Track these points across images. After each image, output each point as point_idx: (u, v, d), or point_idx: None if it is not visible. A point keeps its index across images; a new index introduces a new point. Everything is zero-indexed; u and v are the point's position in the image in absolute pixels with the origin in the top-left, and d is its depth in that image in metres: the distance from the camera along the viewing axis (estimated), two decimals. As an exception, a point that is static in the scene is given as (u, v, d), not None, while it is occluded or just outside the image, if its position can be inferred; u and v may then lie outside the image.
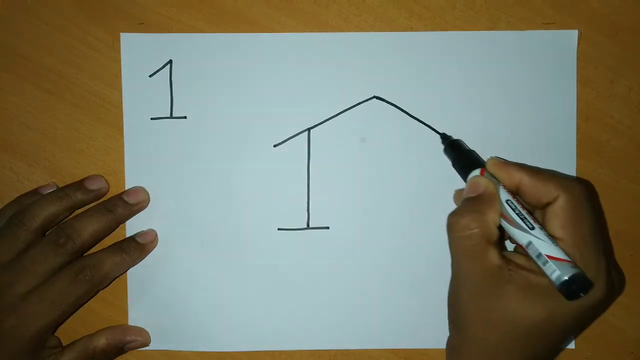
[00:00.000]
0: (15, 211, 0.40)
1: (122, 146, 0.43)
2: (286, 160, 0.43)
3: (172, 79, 0.42)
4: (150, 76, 0.42)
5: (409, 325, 0.43)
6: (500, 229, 0.35)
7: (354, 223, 0.43)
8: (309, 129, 0.43)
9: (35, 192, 0.42)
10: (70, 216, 0.41)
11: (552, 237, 0.34)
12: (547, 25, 0.42)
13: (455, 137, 0.42)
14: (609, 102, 0.43)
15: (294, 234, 0.43)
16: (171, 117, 0.43)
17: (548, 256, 0.33)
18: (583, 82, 0.42)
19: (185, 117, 0.43)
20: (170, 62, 0.42)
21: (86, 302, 0.41)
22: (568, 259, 0.33)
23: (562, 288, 0.32)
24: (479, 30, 0.42)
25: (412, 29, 0.42)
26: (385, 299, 0.43)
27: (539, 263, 0.33)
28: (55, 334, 0.41)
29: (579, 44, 0.42)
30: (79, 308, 0.40)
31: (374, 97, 0.43)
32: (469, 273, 0.35)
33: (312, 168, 0.43)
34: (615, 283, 0.36)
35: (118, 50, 0.42)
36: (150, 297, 0.43)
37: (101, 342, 0.41)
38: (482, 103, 0.42)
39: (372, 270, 0.43)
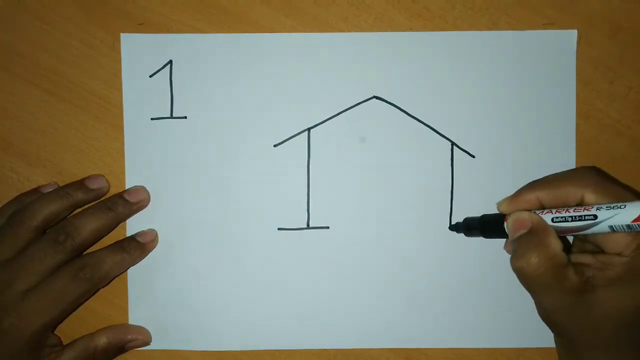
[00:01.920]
0: (15, 209, 0.40)
1: (122, 146, 0.43)
2: (286, 160, 0.43)
3: (172, 79, 0.42)
4: (150, 76, 0.42)
5: (409, 325, 0.43)
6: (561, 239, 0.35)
7: (354, 223, 0.43)
8: (309, 129, 0.43)
9: (35, 191, 0.42)
10: (71, 215, 0.41)
11: (616, 205, 0.33)
12: (547, 25, 0.42)
13: (454, 136, 0.42)
14: (608, 102, 0.43)
15: (294, 234, 0.43)
16: (171, 117, 0.43)
17: (634, 221, 0.32)
18: (583, 82, 0.42)
19: (185, 117, 0.43)
20: (170, 62, 0.42)
21: (86, 300, 0.41)
22: None
23: None
24: (479, 30, 0.42)
25: (412, 29, 0.42)
26: (385, 299, 0.43)
27: (633, 232, 0.33)
28: (56, 333, 0.41)
29: (578, 44, 0.42)
30: (79, 307, 0.40)
31: (374, 97, 0.43)
32: (556, 301, 0.35)
33: (312, 168, 0.43)
34: None
35: (118, 50, 0.42)
36: (150, 296, 0.43)
37: (102, 341, 0.41)
38: (482, 103, 0.42)
39: (372, 270, 0.43)
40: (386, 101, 0.43)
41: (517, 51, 0.42)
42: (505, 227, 0.37)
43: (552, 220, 0.35)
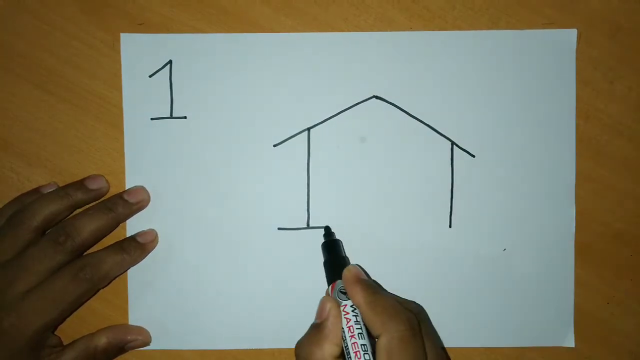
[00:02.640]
0: (15, 210, 0.40)
1: (122, 146, 0.43)
2: (286, 160, 0.43)
3: (172, 79, 0.42)
4: (150, 76, 0.42)
5: (409, 325, 0.43)
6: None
7: (353, 223, 0.43)
8: (308, 129, 0.43)
9: (35, 191, 0.42)
10: (71, 215, 0.41)
11: None
12: (547, 25, 0.42)
13: (454, 136, 0.42)
14: (608, 102, 0.43)
15: (294, 234, 0.43)
16: (171, 117, 0.43)
17: None
18: (582, 82, 0.42)
19: (185, 117, 0.43)
20: (170, 62, 0.42)
21: (86, 301, 0.41)
22: None
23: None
24: (479, 30, 0.42)
25: (412, 29, 0.42)
26: (385, 299, 0.43)
27: None
28: (56, 333, 0.41)
29: (578, 43, 0.42)
30: (79, 307, 0.41)
31: (374, 97, 0.43)
32: None
33: (312, 168, 0.43)
34: None
35: (118, 50, 0.43)
36: (150, 296, 0.43)
37: (102, 341, 0.41)
38: (482, 102, 0.42)
39: (372, 269, 0.43)
40: (386, 101, 0.43)
41: (517, 51, 0.42)
42: (328, 290, 0.38)
43: (348, 327, 0.35)
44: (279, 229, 0.43)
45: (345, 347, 0.34)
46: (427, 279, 0.43)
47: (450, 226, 0.42)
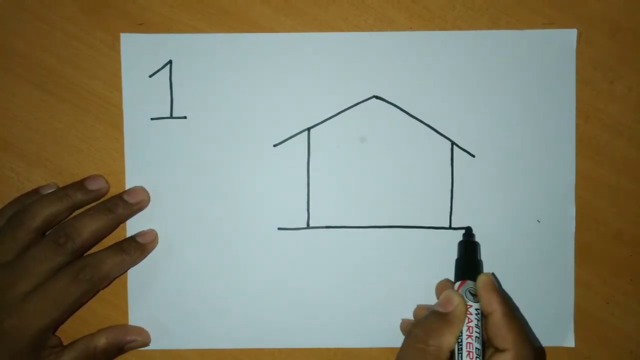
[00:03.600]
0: (15, 211, 0.40)
1: (122, 146, 0.43)
2: (286, 160, 0.43)
3: (172, 79, 0.42)
4: (150, 76, 0.42)
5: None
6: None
7: (353, 223, 0.43)
8: (309, 129, 0.43)
9: (35, 192, 0.42)
10: (71, 216, 0.41)
11: None
12: (547, 25, 0.42)
13: (454, 136, 0.42)
14: (608, 102, 0.43)
15: (294, 234, 0.43)
16: (171, 117, 0.43)
17: None
18: (582, 81, 0.42)
19: (185, 117, 0.43)
20: (170, 62, 0.42)
21: (86, 301, 0.41)
22: None
23: None
24: (479, 30, 0.42)
25: (412, 29, 0.42)
26: (385, 299, 0.43)
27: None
28: (56, 334, 0.41)
29: (578, 43, 0.42)
30: (79, 308, 0.40)
31: (374, 97, 0.43)
32: None
33: (312, 168, 0.43)
34: None
35: (118, 50, 0.42)
36: (150, 296, 0.43)
37: (102, 341, 0.41)
38: (482, 102, 0.42)
39: (372, 269, 0.43)
40: (386, 101, 0.43)
41: (517, 51, 0.42)
42: (455, 285, 0.38)
43: (467, 328, 0.36)
44: (279, 229, 0.43)
45: (459, 344, 0.35)
46: (427, 279, 0.42)
47: (450, 226, 0.42)
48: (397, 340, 0.43)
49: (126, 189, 0.42)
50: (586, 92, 0.43)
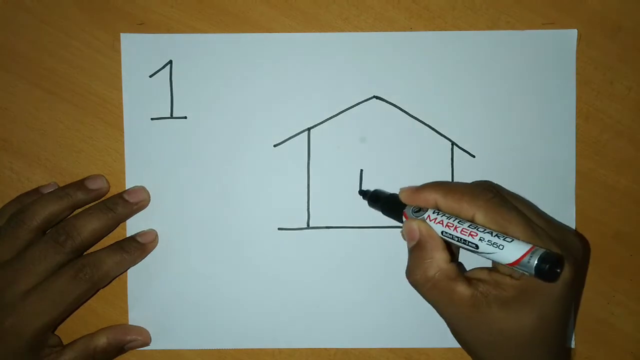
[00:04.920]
0: (15, 210, 0.40)
1: (122, 146, 0.43)
2: (286, 160, 0.43)
3: (172, 79, 0.42)
4: (150, 76, 0.42)
5: (409, 325, 0.43)
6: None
7: (353, 223, 0.43)
8: (309, 129, 0.43)
9: (35, 191, 0.42)
10: (71, 215, 0.41)
11: (500, 234, 0.33)
12: (547, 25, 0.42)
13: (454, 136, 0.42)
14: (608, 102, 0.43)
15: (294, 234, 0.43)
16: (171, 117, 0.43)
17: (508, 264, 0.32)
18: (582, 81, 0.42)
19: (185, 117, 0.43)
20: (170, 62, 0.42)
21: (86, 301, 0.41)
22: (524, 251, 0.32)
23: (539, 276, 0.31)
24: (479, 30, 0.42)
25: (412, 29, 0.42)
26: (385, 299, 0.43)
27: (507, 270, 0.34)
28: (56, 333, 0.41)
29: (578, 43, 0.42)
30: (79, 307, 0.41)
31: (374, 97, 0.43)
32: (452, 314, 0.35)
33: (312, 168, 0.43)
34: (576, 245, 0.36)
35: (118, 50, 0.43)
36: (150, 296, 0.43)
37: (102, 341, 0.41)
38: (482, 103, 0.42)
39: (372, 269, 0.43)
40: (386, 101, 0.43)
41: (517, 51, 0.42)
42: (403, 221, 0.37)
43: (442, 233, 0.35)
44: (279, 229, 0.43)
45: (457, 243, 0.34)
46: (427, 279, 0.42)
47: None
48: (397, 340, 0.43)
49: (126, 188, 0.42)
50: (586, 92, 0.43)
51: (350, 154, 0.43)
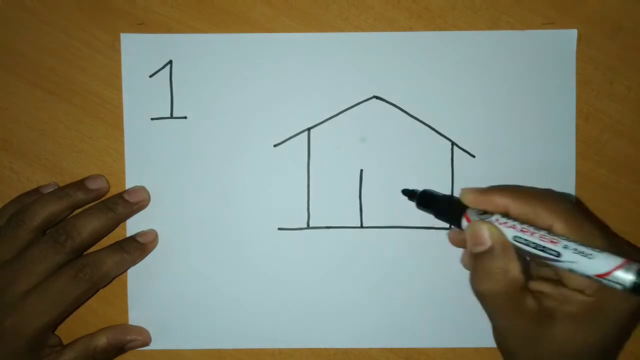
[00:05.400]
0: (15, 210, 0.40)
1: (122, 146, 0.43)
2: (286, 160, 0.43)
3: (172, 79, 0.42)
4: (150, 76, 0.42)
5: (409, 325, 0.43)
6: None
7: (353, 223, 0.43)
8: (309, 129, 0.43)
9: (35, 191, 0.42)
10: (71, 215, 0.41)
11: (583, 244, 0.31)
12: (547, 25, 0.42)
13: (454, 136, 0.42)
14: (608, 102, 0.43)
15: (294, 234, 0.43)
16: (171, 117, 0.43)
17: (598, 275, 0.30)
18: (582, 81, 0.42)
19: (185, 117, 0.43)
20: (171, 62, 0.42)
21: (86, 300, 0.41)
22: (617, 263, 0.29)
23: (636, 290, 0.29)
24: (479, 30, 0.42)
25: (412, 29, 0.42)
26: (385, 299, 0.43)
27: (584, 281, 0.31)
28: (56, 333, 0.41)
29: (578, 43, 0.42)
30: (79, 307, 0.41)
31: (374, 97, 0.43)
32: (511, 327, 0.33)
33: (312, 168, 0.43)
34: None
35: (118, 50, 0.43)
36: (150, 296, 0.43)
37: (102, 341, 0.41)
38: (482, 103, 0.42)
39: (372, 269, 0.43)
40: (386, 101, 0.43)
41: (517, 51, 0.42)
42: (463, 224, 0.35)
43: (514, 238, 0.32)
44: (279, 229, 0.43)
45: (531, 250, 0.31)
46: (427, 278, 0.42)
47: (450, 227, 0.42)
48: (397, 340, 0.43)
49: (126, 188, 0.42)
50: (586, 92, 0.43)
51: (350, 154, 0.43)
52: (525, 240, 0.32)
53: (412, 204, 0.41)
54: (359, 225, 0.43)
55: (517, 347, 0.34)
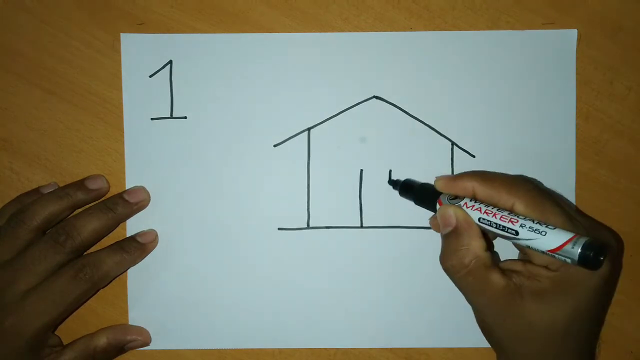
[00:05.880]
0: (15, 210, 0.40)
1: (122, 146, 0.43)
2: (286, 160, 0.43)
3: (172, 79, 0.42)
4: (150, 76, 0.42)
5: (409, 325, 0.43)
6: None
7: (354, 223, 0.43)
8: (309, 129, 0.43)
9: (35, 191, 0.42)
10: (71, 215, 0.41)
11: (541, 222, 0.33)
12: (547, 25, 0.42)
13: (454, 136, 0.42)
14: (608, 102, 0.43)
15: (294, 234, 0.43)
16: (171, 117, 0.43)
17: (550, 251, 0.32)
18: (582, 81, 0.42)
19: (185, 117, 0.43)
20: (171, 62, 0.42)
21: (86, 301, 0.41)
22: (567, 238, 0.32)
23: (583, 263, 0.31)
24: (479, 30, 0.42)
25: (412, 29, 0.42)
26: (385, 299, 0.43)
27: (548, 257, 0.33)
28: (56, 333, 0.41)
29: (578, 43, 0.42)
30: (79, 307, 0.41)
31: (374, 97, 0.43)
32: (483, 304, 0.35)
33: (312, 168, 0.43)
34: (612, 242, 0.36)
35: (118, 50, 0.43)
36: (150, 296, 0.43)
37: (102, 341, 0.41)
38: (482, 103, 0.42)
39: (372, 269, 0.43)
40: (386, 101, 0.43)
41: (517, 51, 0.42)
42: (437, 209, 0.37)
43: (479, 220, 0.35)
44: (279, 229, 0.43)
45: (494, 230, 0.34)
46: (427, 278, 0.42)
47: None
48: (397, 340, 0.43)
49: (126, 188, 0.42)
50: (586, 92, 0.43)
51: (350, 154, 0.43)
52: (488, 221, 0.34)
53: (412, 204, 0.41)
54: (359, 225, 0.43)
55: (491, 324, 0.35)
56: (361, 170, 0.43)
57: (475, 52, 0.42)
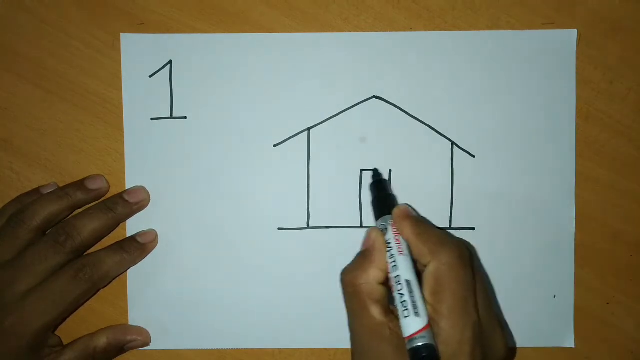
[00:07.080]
0: (15, 210, 0.40)
1: (122, 146, 0.43)
2: (286, 160, 0.43)
3: (172, 79, 0.42)
4: (150, 76, 0.42)
5: (409, 325, 0.43)
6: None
7: (354, 223, 0.43)
8: (309, 129, 0.43)
9: (35, 191, 0.42)
10: (71, 215, 0.41)
11: (417, 304, 0.33)
12: (547, 25, 0.42)
13: (454, 136, 0.42)
14: (608, 102, 0.43)
15: (294, 234, 0.43)
16: (171, 117, 0.43)
17: (405, 337, 0.32)
18: (582, 82, 0.42)
19: (185, 117, 0.43)
20: (170, 62, 0.42)
21: (86, 301, 0.41)
22: (417, 329, 0.32)
23: (413, 356, 0.32)
24: (479, 30, 0.42)
25: (412, 29, 0.42)
26: (385, 299, 0.43)
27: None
28: (56, 333, 0.41)
29: (578, 43, 0.42)
30: (79, 307, 0.41)
31: (374, 97, 0.43)
32: (354, 328, 0.34)
33: (312, 168, 0.43)
34: (499, 347, 0.35)
35: (118, 50, 0.43)
36: (150, 296, 0.43)
37: (102, 341, 0.41)
38: (482, 103, 0.42)
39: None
40: (386, 101, 0.43)
41: (517, 51, 0.42)
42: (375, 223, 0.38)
43: (390, 253, 0.34)
44: (279, 229, 0.43)
45: (390, 275, 0.34)
46: (427, 279, 0.42)
47: (450, 226, 0.42)
48: (397, 340, 0.43)
49: (126, 188, 0.42)
50: (586, 92, 0.43)
51: (350, 154, 0.43)
52: (394, 264, 0.34)
53: (412, 204, 0.41)
54: (359, 225, 0.43)
55: (354, 352, 0.35)
56: (361, 170, 0.43)
57: (475, 52, 0.42)
